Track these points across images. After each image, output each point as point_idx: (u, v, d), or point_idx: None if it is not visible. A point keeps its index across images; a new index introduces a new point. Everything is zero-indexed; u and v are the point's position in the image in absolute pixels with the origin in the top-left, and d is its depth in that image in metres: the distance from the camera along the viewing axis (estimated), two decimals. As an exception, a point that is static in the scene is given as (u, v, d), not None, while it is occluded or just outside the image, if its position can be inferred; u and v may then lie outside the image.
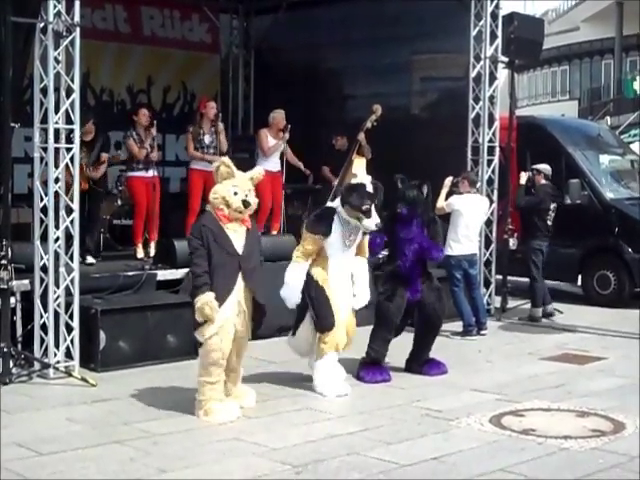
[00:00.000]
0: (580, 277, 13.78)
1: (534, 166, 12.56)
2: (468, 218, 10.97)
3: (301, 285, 7.93)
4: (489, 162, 12.15)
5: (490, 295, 12.32)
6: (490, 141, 12.18)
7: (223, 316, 6.90)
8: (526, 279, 12.51)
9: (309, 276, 7.99)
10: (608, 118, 39.40)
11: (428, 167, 11.32)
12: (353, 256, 8.16)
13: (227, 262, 6.94)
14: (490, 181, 12.16)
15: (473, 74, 12.14)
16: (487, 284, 12.20)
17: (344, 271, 8.11)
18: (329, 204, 8.41)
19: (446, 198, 10.96)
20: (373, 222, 7.96)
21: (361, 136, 12.28)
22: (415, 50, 14.29)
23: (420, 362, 8.86)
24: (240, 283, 7.01)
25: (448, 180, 11.03)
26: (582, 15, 47.99)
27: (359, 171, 12.78)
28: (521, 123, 14.03)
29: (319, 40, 14.98)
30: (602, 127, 18.83)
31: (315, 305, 7.94)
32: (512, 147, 12.88)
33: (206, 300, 6.77)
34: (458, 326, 11.01)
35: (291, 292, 7.94)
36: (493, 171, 12.14)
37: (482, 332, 11.00)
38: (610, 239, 13.31)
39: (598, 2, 45.78)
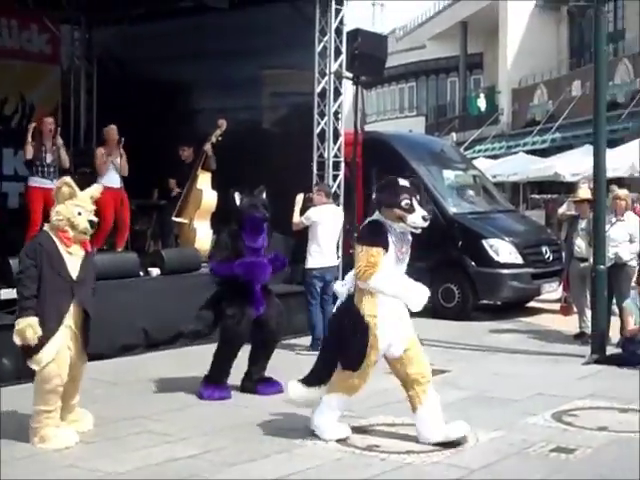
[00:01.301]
0: (426, 291, 13.95)
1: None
2: (327, 229, 10.96)
3: (402, 283, 6.62)
4: (334, 177, 12.19)
5: (336, 310, 12.30)
6: (335, 156, 12.24)
7: (58, 342, 6.64)
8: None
9: (353, 307, 6.71)
10: (454, 134, 40.48)
11: (276, 182, 11.22)
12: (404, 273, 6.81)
13: (60, 287, 6.67)
14: (336, 196, 12.18)
15: (318, 89, 12.18)
16: (335, 299, 12.16)
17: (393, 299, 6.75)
18: (370, 218, 6.96)
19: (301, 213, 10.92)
20: (419, 215, 6.59)
21: (207, 146, 12.16)
22: (263, 64, 14.23)
23: (256, 380, 8.68)
24: (73, 309, 6.74)
25: (299, 197, 11.01)
26: (428, 33, 49.19)
27: (204, 186, 12.77)
28: (366, 138, 14.20)
29: (165, 52, 14.73)
30: (445, 143, 19.30)
31: (349, 341, 6.69)
32: (358, 162, 12.98)
33: (28, 323, 6.49)
34: (306, 340, 10.97)
35: (409, 292, 6.58)
36: (339, 186, 12.18)
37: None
38: (454, 253, 13.57)
39: (443, 21, 47.04)
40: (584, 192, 12.30)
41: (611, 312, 10.74)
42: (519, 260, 13.53)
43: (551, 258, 13.96)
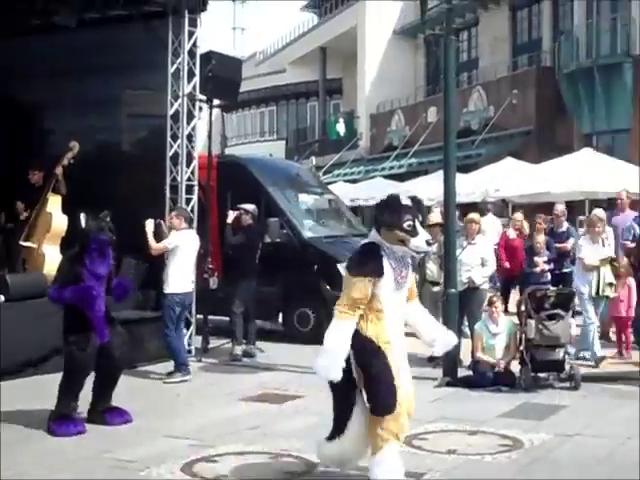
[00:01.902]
0: (281, 315, 13.91)
1: (241, 205, 12.56)
2: (187, 254, 10.80)
3: (346, 351, 6.01)
4: (188, 201, 12.01)
5: (191, 335, 12.13)
6: (189, 179, 12.06)
7: None
8: (227, 318, 12.45)
9: (362, 338, 6.06)
10: (314, 158, 40.77)
11: (128, 205, 11.07)
12: (405, 300, 6.30)
13: None
14: (189, 220, 12.00)
15: (171, 112, 12.00)
16: (188, 324, 11.99)
17: (400, 323, 6.26)
18: (366, 240, 6.37)
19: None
20: (422, 239, 6.11)
21: (58, 169, 11.82)
22: (116, 85, 13.85)
23: (102, 411, 8.40)
24: None
25: (150, 223, 10.82)
26: (289, 58, 49.52)
27: (54, 209, 12.40)
28: (222, 162, 14.08)
29: (18, 71, 14.22)
30: (302, 167, 19.35)
31: (374, 379, 6.03)
32: (212, 186, 12.84)
33: None
34: (159, 367, 10.75)
35: (332, 362, 5.94)
36: (192, 210, 12.00)
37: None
38: (309, 277, 13.53)
39: (303, 46, 47.45)
40: (435, 216, 12.48)
41: (462, 334, 10.89)
42: (374, 284, 13.58)
43: (405, 281, 14.08)
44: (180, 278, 10.74)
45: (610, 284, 11.33)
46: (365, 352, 6.05)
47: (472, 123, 32.69)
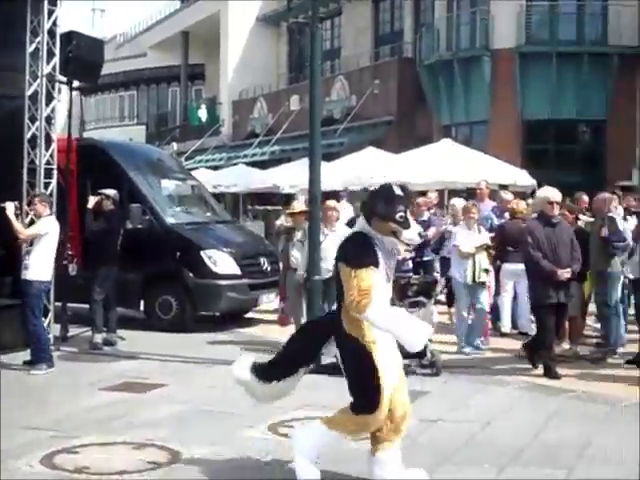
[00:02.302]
0: (143, 302, 13.66)
1: (102, 191, 12.25)
2: (51, 241, 10.44)
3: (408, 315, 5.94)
4: (46, 185, 11.61)
5: (49, 324, 11.76)
6: (48, 163, 11.65)
7: None
8: (87, 305, 12.15)
9: (345, 336, 5.86)
10: (175, 144, 40.37)
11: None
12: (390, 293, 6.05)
13: None
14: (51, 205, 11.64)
15: (29, 92, 11.56)
16: (46, 312, 11.62)
17: None
18: (354, 230, 6.15)
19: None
20: (415, 231, 5.90)
21: None
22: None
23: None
24: None
25: (10, 206, 10.43)
26: (150, 41, 48.79)
27: None
28: (82, 145, 13.72)
29: None
30: (164, 153, 19.10)
31: (359, 377, 5.88)
32: (72, 170, 12.49)
33: None
34: (11, 357, 10.42)
35: (417, 330, 5.77)
36: (51, 194, 11.62)
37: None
38: (171, 264, 13.34)
39: (165, 30, 46.83)
40: (299, 204, 12.48)
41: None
42: (237, 271, 13.51)
43: (269, 269, 14.07)
44: (45, 265, 10.41)
45: (486, 270, 11.46)
46: (348, 352, 5.89)
47: (335, 112, 32.96)
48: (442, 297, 13.06)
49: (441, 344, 11.05)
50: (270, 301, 13.93)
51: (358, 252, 5.78)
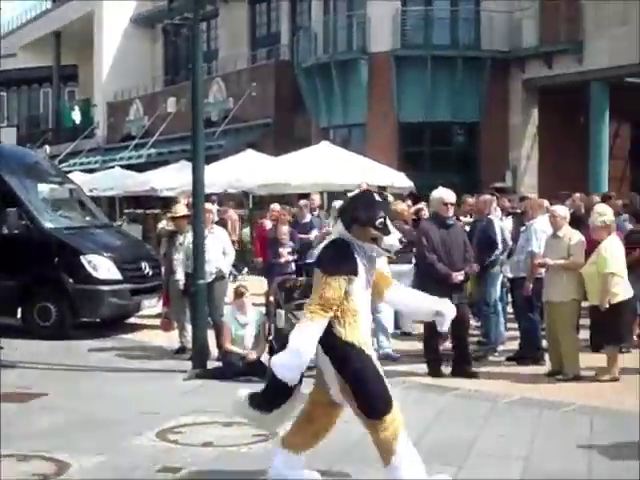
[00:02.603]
0: (20, 310, 13.26)
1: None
2: None
3: (312, 354, 5.64)
4: None
5: None
6: None
7: None
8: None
9: (343, 344, 5.66)
10: (47, 147, 39.42)
11: None
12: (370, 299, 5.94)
13: None
14: None
15: None
16: None
17: (370, 323, 5.99)
18: (333, 236, 5.97)
19: None
20: (395, 238, 5.85)
21: None
22: None
23: None
24: None
25: None
26: (20, 42, 47.59)
27: None
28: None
29: None
30: (40, 155, 18.60)
31: (365, 383, 5.67)
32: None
33: None
34: None
35: (295, 363, 5.55)
36: None
37: None
38: (50, 270, 12.99)
39: (36, 30, 45.76)
40: (181, 208, 12.36)
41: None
42: (118, 276, 13.26)
43: (151, 273, 13.84)
44: None
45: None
46: (349, 359, 5.67)
47: (212, 114, 32.77)
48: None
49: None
50: (153, 306, 13.72)
51: (335, 260, 5.68)
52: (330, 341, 5.66)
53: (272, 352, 10.07)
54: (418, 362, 10.37)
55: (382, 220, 5.73)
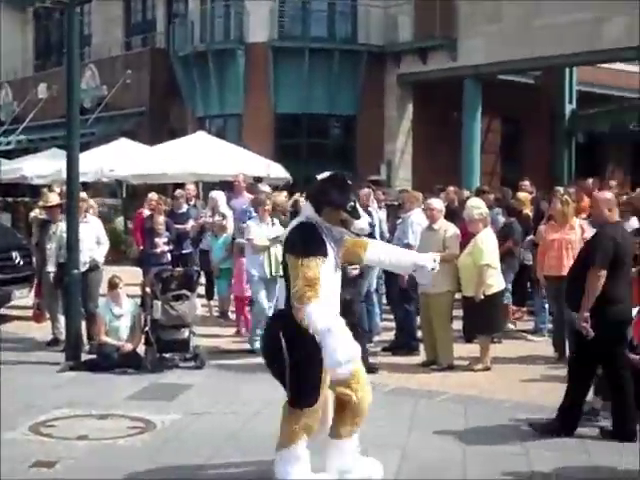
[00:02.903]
0: None
1: None
2: None
3: (338, 323, 5.36)
4: None
5: None
6: None
7: None
8: None
9: (298, 328, 5.44)
10: None
11: None
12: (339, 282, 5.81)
13: None
14: None
15: None
16: None
17: (337, 307, 5.72)
18: (298, 220, 5.86)
19: None
20: (365, 221, 6.03)
21: None
22: None
23: None
24: None
25: None
26: None
27: None
28: None
29: None
30: None
31: (303, 373, 5.57)
32: None
33: None
34: None
35: (340, 338, 5.24)
36: None
37: None
38: None
39: None
40: (54, 197, 12.06)
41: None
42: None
43: (22, 263, 13.46)
44: None
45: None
46: (299, 345, 5.50)
47: (85, 101, 32.02)
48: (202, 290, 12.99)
49: (205, 337, 11.02)
50: (24, 296, 13.34)
51: (306, 241, 5.57)
52: (288, 325, 5.54)
53: (148, 344, 9.98)
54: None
55: (352, 204, 5.71)
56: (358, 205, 5.80)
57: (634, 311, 8.03)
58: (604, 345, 7.13)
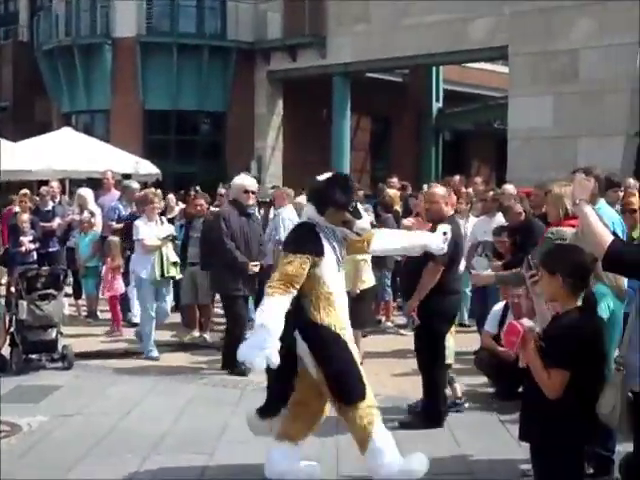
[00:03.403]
0: None
1: None
2: None
3: (281, 329, 5.33)
4: None
5: None
6: None
7: None
8: None
9: (319, 328, 5.60)
10: None
11: None
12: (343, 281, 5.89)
13: None
14: None
15: None
16: None
17: (346, 305, 5.86)
18: (300, 221, 6.03)
19: None
20: (367, 221, 6.03)
21: None
22: None
23: None
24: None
25: None
26: None
27: None
28: None
29: None
30: None
31: (340, 368, 5.58)
32: None
33: None
34: None
35: (265, 337, 5.26)
36: None
37: None
38: None
39: None
40: None
41: None
42: None
43: None
44: None
45: (174, 263, 10.85)
46: (325, 343, 5.61)
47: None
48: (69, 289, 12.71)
49: (72, 337, 10.76)
50: None
51: (297, 240, 5.69)
52: (307, 326, 5.63)
53: (13, 345, 9.68)
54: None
55: (354, 204, 5.79)
56: (359, 205, 5.92)
57: (496, 307, 8.31)
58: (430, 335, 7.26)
